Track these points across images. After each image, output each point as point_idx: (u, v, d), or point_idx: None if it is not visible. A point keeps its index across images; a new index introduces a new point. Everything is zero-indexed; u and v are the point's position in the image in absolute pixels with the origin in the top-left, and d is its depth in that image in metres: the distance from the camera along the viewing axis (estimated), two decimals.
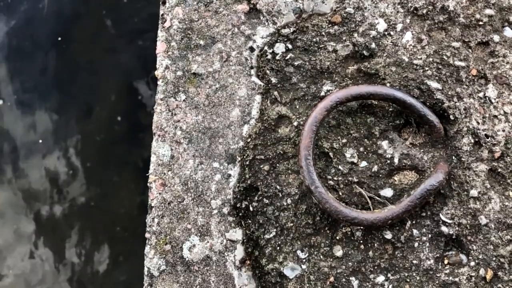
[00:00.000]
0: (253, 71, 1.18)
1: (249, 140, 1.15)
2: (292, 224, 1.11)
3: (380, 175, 1.10)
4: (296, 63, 1.16)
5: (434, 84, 1.10)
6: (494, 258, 1.04)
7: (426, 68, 1.11)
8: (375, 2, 1.16)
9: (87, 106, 2.54)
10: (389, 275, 1.07)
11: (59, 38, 2.54)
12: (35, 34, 2.58)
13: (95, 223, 2.46)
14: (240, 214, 1.13)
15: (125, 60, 2.56)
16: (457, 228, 1.06)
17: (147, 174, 1.17)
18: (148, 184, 1.16)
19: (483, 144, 1.08)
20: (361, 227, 1.08)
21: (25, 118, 2.54)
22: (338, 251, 1.09)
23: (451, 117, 1.09)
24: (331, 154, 1.11)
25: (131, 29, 2.58)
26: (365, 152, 1.11)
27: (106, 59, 2.57)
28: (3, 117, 2.54)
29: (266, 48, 1.18)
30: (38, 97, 2.56)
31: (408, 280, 1.06)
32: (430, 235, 1.07)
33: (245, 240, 1.12)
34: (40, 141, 2.49)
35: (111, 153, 2.51)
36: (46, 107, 2.55)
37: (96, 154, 2.51)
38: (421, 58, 1.12)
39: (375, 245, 1.08)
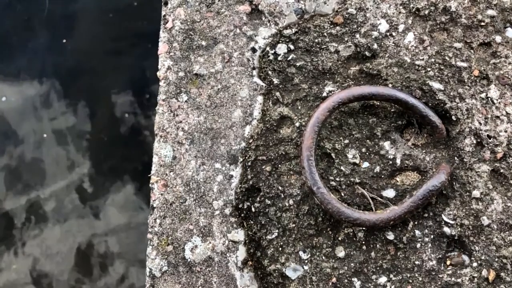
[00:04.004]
0: (255, 72, 1.18)
1: (251, 141, 1.15)
2: (294, 225, 1.10)
3: (382, 176, 1.10)
4: (298, 64, 1.16)
5: (436, 85, 1.10)
6: (496, 259, 1.04)
7: (428, 69, 1.11)
8: (377, 3, 1.16)
9: (89, 106, 2.55)
10: (391, 276, 1.07)
11: (64, 40, 2.55)
12: (39, 34, 2.58)
13: (96, 222, 2.46)
14: (242, 215, 1.13)
15: (127, 61, 2.57)
16: (459, 229, 1.06)
17: (149, 175, 1.17)
18: (150, 185, 1.16)
19: (485, 145, 1.08)
20: (363, 228, 1.07)
21: (29, 117, 2.55)
22: (340, 252, 1.08)
23: (453, 117, 1.09)
24: (333, 155, 1.11)
25: (134, 30, 2.58)
26: (367, 153, 1.11)
27: (109, 60, 2.58)
28: (7, 114, 2.54)
29: (268, 49, 1.18)
30: (40, 97, 2.56)
31: (410, 281, 1.06)
32: (432, 236, 1.07)
33: (247, 241, 1.12)
34: (45, 135, 2.50)
35: (113, 153, 2.51)
36: (48, 106, 2.55)
37: (97, 154, 2.51)
38: (423, 59, 1.12)
39: (377, 246, 1.08)
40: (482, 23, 1.12)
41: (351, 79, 1.14)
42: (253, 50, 1.19)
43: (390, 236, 1.07)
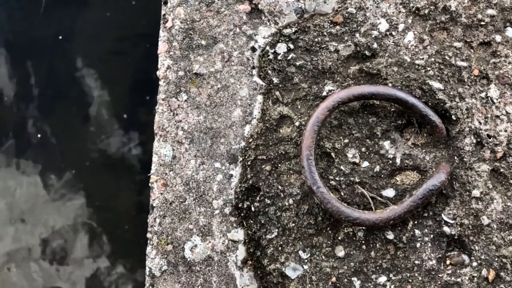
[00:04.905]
0: (254, 71, 1.18)
1: (250, 140, 1.15)
2: (294, 225, 1.10)
3: (382, 176, 1.10)
4: (297, 63, 1.16)
5: (436, 84, 1.10)
6: (496, 259, 1.04)
7: (428, 68, 1.11)
8: (377, 2, 1.16)
9: (87, 106, 2.54)
10: (391, 275, 1.07)
11: (60, 37, 2.54)
12: (38, 34, 2.58)
13: (96, 222, 2.46)
14: (242, 214, 1.13)
15: (126, 60, 2.56)
16: (459, 229, 1.06)
17: (149, 175, 1.17)
18: (149, 184, 1.16)
19: (485, 144, 1.08)
20: (363, 228, 1.08)
21: (24, 116, 2.54)
22: (340, 252, 1.09)
23: (453, 117, 1.09)
24: (333, 154, 1.11)
25: (133, 29, 2.58)
26: (367, 152, 1.11)
27: (107, 58, 2.57)
28: (5, 112, 2.54)
29: (268, 48, 1.18)
30: (35, 96, 2.55)
31: (410, 280, 1.06)
32: (432, 236, 1.07)
33: (246, 241, 1.12)
34: (39, 135, 2.49)
35: (112, 153, 2.51)
36: (48, 106, 2.54)
37: (96, 154, 2.51)
38: (423, 58, 1.12)
39: (377, 245, 1.08)
40: (482, 23, 1.12)
41: (351, 79, 1.14)
42: (253, 49, 1.19)
43: (390, 235, 1.07)
